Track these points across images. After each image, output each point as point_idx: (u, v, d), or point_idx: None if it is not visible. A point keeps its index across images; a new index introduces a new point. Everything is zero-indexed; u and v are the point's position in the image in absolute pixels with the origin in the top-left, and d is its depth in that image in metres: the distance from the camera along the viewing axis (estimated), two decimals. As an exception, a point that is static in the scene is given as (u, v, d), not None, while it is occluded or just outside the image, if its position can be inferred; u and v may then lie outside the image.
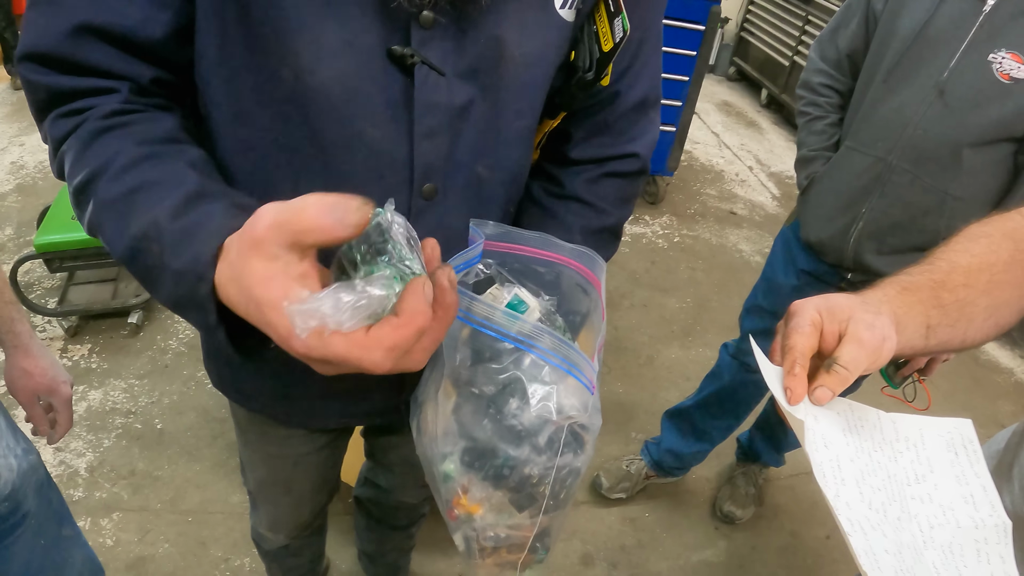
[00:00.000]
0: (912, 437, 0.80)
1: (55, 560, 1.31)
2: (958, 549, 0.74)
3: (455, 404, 0.76)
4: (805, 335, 0.74)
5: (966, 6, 1.64)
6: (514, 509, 0.74)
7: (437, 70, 0.76)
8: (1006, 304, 0.88)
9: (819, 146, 1.97)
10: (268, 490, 1.41)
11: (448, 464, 0.75)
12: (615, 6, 0.83)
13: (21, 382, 1.24)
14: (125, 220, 0.66)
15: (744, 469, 2.63)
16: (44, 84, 0.73)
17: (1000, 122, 1.63)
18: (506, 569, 0.80)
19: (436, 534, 2.26)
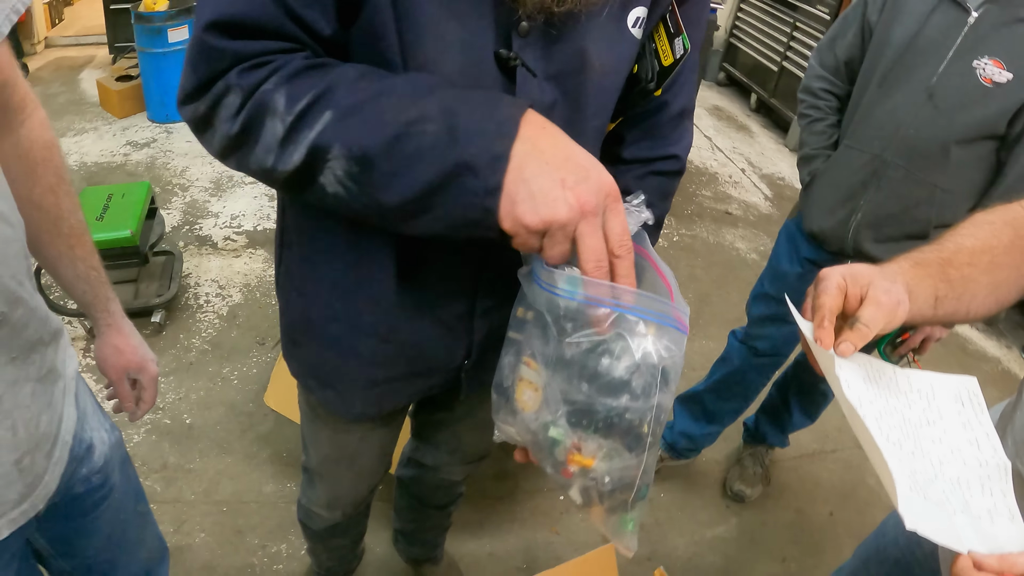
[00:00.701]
0: (924, 389, 0.90)
1: (131, 536, 1.36)
2: (964, 483, 0.83)
3: (547, 376, 0.86)
4: (832, 296, 0.85)
5: (952, 18, 1.80)
6: (624, 451, 0.84)
7: (531, 72, 0.88)
8: (1005, 283, 1.00)
9: (820, 145, 2.12)
10: (331, 467, 1.50)
11: (554, 430, 0.85)
12: (675, 27, 0.96)
13: (112, 359, 1.28)
14: (381, 117, 0.76)
15: (751, 451, 2.75)
16: (231, 50, 0.79)
17: (983, 122, 1.78)
18: (618, 509, 0.90)
19: (467, 517, 2.38)
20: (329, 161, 0.78)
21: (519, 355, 0.88)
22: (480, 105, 0.77)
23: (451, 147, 0.75)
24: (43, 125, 1.07)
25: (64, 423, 1.07)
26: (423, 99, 0.77)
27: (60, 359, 1.06)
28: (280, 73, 0.79)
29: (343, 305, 1.06)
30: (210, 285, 3.36)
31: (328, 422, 1.38)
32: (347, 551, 1.99)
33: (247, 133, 0.80)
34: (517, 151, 0.75)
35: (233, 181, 4.24)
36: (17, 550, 1.06)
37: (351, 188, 0.79)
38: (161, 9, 4.59)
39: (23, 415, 0.94)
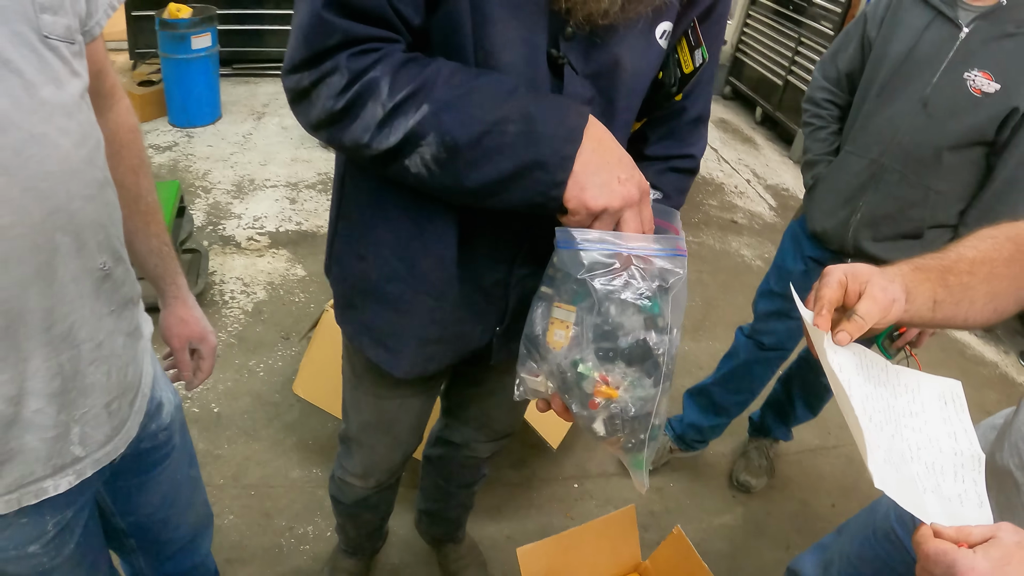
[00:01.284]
0: (911, 384, 0.97)
1: (184, 498, 1.46)
2: (939, 468, 0.89)
3: (576, 317, 0.99)
4: (832, 289, 0.94)
5: (945, 33, 1.95)
6: (645, 379, 0.96)
7: (575, 69, 1.04)
8: (1004, 294, 1.08)
9: (822, 151, 2.27)
10: (370, 432, 1.62)
11: (583, 366, 0.98)
12: (696, 41, 1.11)
13: (177, 329, 1.39)
14: (471, 114, 0.93)
15: (757, 443, 2.87)
16: (342, 28, 0.93)
17: (973, 128, 1.93)
18: (635, 448, 1.02)
19: (486, 502, 2.49)
20: (421, 147, 0.95)
21: (550, 303, 1.01)
22: (554, 112, 0.96)
23: (528, 146, 0.94)
24: (128, 111, 1.20)
25: (144, 377, 1.19)
26: (506, 102, 0.94)
27: (141, 320, 1.19)
28: (385, 62, 0.94)
29: (405, 266, 1.19)
30: (235, 282, 3.48)
31: (371, 389, 1.51)
32: (374, 528, 2.09)
33: (348, 111, 0.96)
34: (585, 150, 0.95)
35: (255, 184, 4.37)
36: (90, 498, 1.17)
37: (435, 171, 0.97)
38: (185, 16, 4.72)
39: (116, 363, 1.06)
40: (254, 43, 5.85)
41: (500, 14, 0.97)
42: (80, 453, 1.04)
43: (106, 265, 0.99)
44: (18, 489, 0.98)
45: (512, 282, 1.24)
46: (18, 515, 1.01)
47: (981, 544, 0.75)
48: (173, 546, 1.49)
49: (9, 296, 0.85)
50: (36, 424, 0.95)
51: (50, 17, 0.83)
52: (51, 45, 0.84)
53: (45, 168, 0.83)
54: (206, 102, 5.05)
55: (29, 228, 0.84)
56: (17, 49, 0.79)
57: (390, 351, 1.32)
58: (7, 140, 0.78)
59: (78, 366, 0.98)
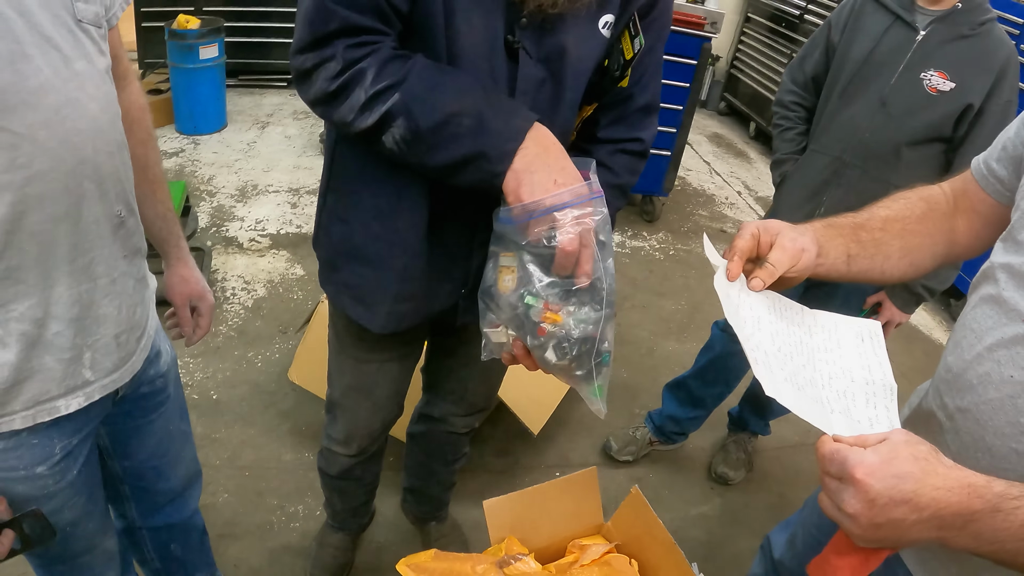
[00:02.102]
0: (827, 325, 1.03)
1: (175, 450, 1.57)
2: (850, 395, 0.94)
3: (518, 263, 1.11)
4: (745, 240, 1.03)
5: (903, 36, 2.09)
6: (586, 305, 1.08)
7: (529, 53, 1.19)
8: (918, 248, 1.17)
9: (789, 150, 2.42)
10: (352, 396, 1.74)
11: (528, 297, 1.10)
12: (635, 30, 1.26)
13: (179, 287, 1.52)
14: (434, 106, 1.08)
15: (735, 437, 2.97)
16: (340, 15, 1.08)
17: (930, 125, 2.07)
18: (587, 377, 1.13)
19: (470, 487, 2.59)
20: (392, 128, 1.11)
21: (498, 257, 1.15)
22: (503, 113, 1.11)
23: (476, 138, 1.09)
24: (139, 92, 1.35)
25: (150, 321, 1.34)
26: (464, 98, 1.10)
27: (147, 274, 1.33)
28: (374, 56, 1.11)
29: (383, 227, 1.33)
30: (236, 280, 3.60)
31: (351, 352, 1.64)
32: (360, 502, 2.19)
33: (338, 94, 1.13)
34: (528, 151, 1.09)
35: (257, 189, 4.50)
36: (92, 431, 1.29)
37: (403, 149, 1.13)
38: (193, 28, 4.88)
39: (126, 301, 1.21)
40: (259, 55, 6.01)
41: (464, 4, 1.12)
42: (90, 377, 1.18)
43: (121, 213, 1.15)
44: (35, 406, 1.11)
45: (475, 245, 1.38)
46: (30, 434, 1.13)
47: (874, 445, 0.80)
48: (164, 497, 1.59)
49: (44, 229, 1.01)
50: (55, 346, 1.10)
51: (83, 4, 1.02)
52: (83, 27, 1.02)
53: (77, 126, 1.01)
54: (212, 111, 5.20)
55: (63, 174, 1.01)
56: (57, 29, 0.98)
57: (368, 307, 1.44)
58: (48, 101, 0.96)
59: (94, 297, 1.13)
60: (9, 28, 0.91)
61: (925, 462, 0.78)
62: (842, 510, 0.80)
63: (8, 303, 1.03)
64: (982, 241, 1.18)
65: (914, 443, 0.80)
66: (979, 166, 1.18)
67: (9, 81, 0.91)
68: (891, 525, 0.78)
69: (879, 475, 0.77)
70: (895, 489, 0.76)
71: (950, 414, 1.01)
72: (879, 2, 2.15)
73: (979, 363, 0.97)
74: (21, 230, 0.99)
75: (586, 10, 1.19)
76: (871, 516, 0.78)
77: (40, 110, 0.95)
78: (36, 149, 0.96)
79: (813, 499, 1.62)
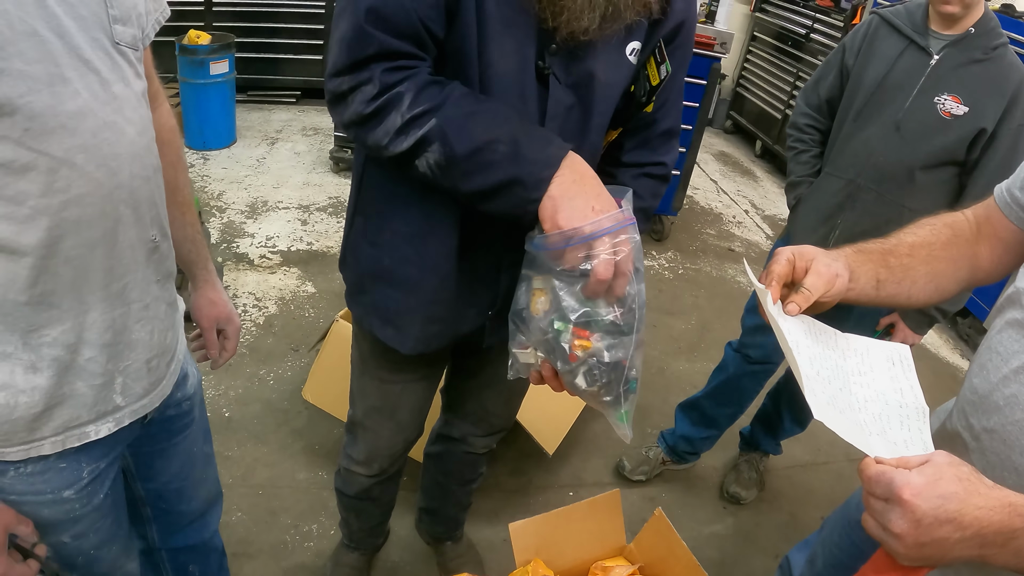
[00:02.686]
0: (860, 349, 1.06)
1: (198, 472, 1.56)
2: (885, 418, 0.96)
3: (550, 287, 1.13)
4: (781, 265, 1.06)
5: (917, 61, 2.11)
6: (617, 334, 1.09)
7: (559, 79, 1.21)
8: (943, 274, 1.20)
9: (804, 173, 2.42)
10: (375, 417, 1.74)
11: (558, 323, 1.11)
12: (661, 57, 1.28)
13: (206, 309, 1.52)
14: (471, 133, 1.10)
15: (747, 457, 2.97)
16: (379, 40, 1.10)
17: (944, 149, 2.08)
18: (614, 403, 1.14)
19: (484, 507, 2.60)
20: (427, 152, 1.13)
21: (530, 280, 1.16)
22: (538, 141, 1.13)
23: (512, 165, 1.11)
24: (169, 114, 1.35)
25: (179, 344, 1.34)
26: (500, 127, 1.12)
27: (176, 296, 1.33)
28: (412, 80, 1.13)
29: (414, 251, 1.35)
30: (247, 297, 3.61)
31: (376, 373, 1.65)
32: (376, 522, 2.19)
33: (374, 116, 1.14)
34: (564, 179, 1.11)
35: (268, 206, 4.52)
36: (119, 455, 1.29)
37: (437, 173, 1.15)
38: (204, 43, 4.91)
39: (158, 325, 1.21)
40: (269, 71, 6.05)
41: (497, 30, 1.14)
42: (121, 402, 1.17)
43: (156, 238, 1.15)
44: (64, 431, 1.11)
45: (503, 267, 1.39)
46: (58, 459, 1.13)
47: (918, 466, 0.83)
48: (185, 519, 1.58)
49: (79, 254, 1.01)
50: (87, 371, 1.09)
51: (121, 27, 1.01)
52: (120, 50, 1.02)
53: (115, 150, 1.00)
54: (222, 126, 5.23)
55: (99, 198, 1.00)
56: (95, 52, 0.97)
57: (397, 329, 1.46)
58: (87, 125, 0.95)
59: (127, 322, 1.12)
60: (48, 51, 0.90)
61: (968, 482, 0.81)
62: (888, 530, 0.82)
63: (41, 328, 1.02)
64: (1004, 266, 1.22)
65: (956, 464, 0.83)
66: (1002, 194, 1.21)
67: (47, 104, 0.91)
68: (935, 544, 0.80)
69: (925, 495, 0.79)
70: (940, 509, 0.79)
71: (976, 435, 1.04)
72: (893, 26, 2.17)
73: (1005, 385, 1.00)
74: (57, 255, 0.99)
75: (614, 37, 1.21)
76: (917, 535, 0.80)
77: (78, 134, 0.95)
78: (74, 173, 0.96)
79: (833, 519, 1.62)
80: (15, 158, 0.91)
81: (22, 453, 1.09)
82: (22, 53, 0.88)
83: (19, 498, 1.12)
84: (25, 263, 0.97)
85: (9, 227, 0.94)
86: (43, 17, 0.90)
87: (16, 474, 1.10)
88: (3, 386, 1.02)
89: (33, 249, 0.96)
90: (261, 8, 5.82)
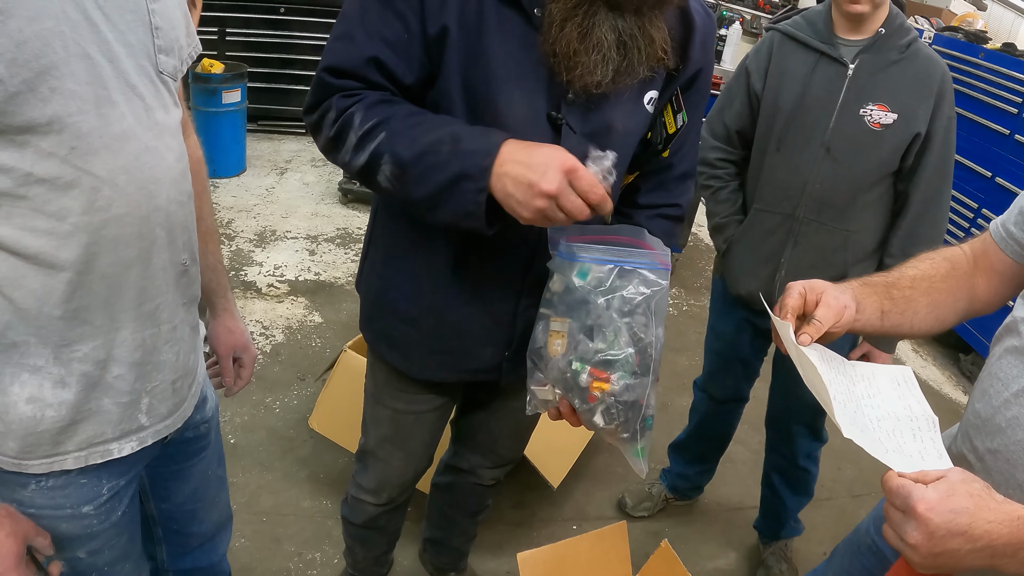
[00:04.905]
0: (866, 374, 1.11)
1: (211, 494, 1.58)
2: (898, 433, 1.02)
3: (568, 327, 1.15)
4: (794, 298, 1.12)
5: (832, 73, 1.97)
6: (634, 375, 1.11)
7: (572, 129, 1.25)
8: (943, 305, 1.27)
9: (728, 212, 2.24)
10: (387, 446, 1.76)
11: (576, 363, 1.14)
12: (678, 106, 1.33)
13: (224, 338, 1.54)
14: (415, 139, 1.15)
15: (771, 549, 2.73)
16: (336, 86, 1.22)
17: (880, 163, 1.96)
18: (630, 439, 1.17)
19: (488, 539, 2.60)
20: (382, 165, 1.19)
21: (548, 320, 1.19)
22: (478, 135, 1.16)
23: (455, 161, 1.14)
24: (196, 145, 1.39)
25: (200, 367, 1.37)
26: (443, 129, 1.17)
27: (198, 319, 1.36)
28: (362, 103, 1.21)
29: (412, 287, 1.42)
30: (255, 325, 3.64)
31: (390, 403, 1.67)
32: (381, 552, 2.20)
33: (337, 139, 1.23)
34: (497, 172, 1.11)
35: (276, 235, 4.56)
36: (137, 474, 1.31)
37: (395, 184, 1.20)
38: (217, 72, 4.98)
39: (184, 347, 1.24)
40: (280, 101, 6.12)
41: (506, 83, 1.21)
42: (145, 422, 1.20)
43: (186, 262, 1.18)
44: (88, 447, 1.13)
45: (519, 311, 1.43)
46: (79, 475, 1.15)
47: (934, 481, 0.89)
48: (195, 540, 1.59)
49: (116, 272, 1.05)
50: (115, 388, 1.12)
51: (164, 57, 1.06)
52: (163, 79, 1.07)
53: (155, 174, 1.05)
54: (233, 155, 5.30)
55: (137, 219, 1.04)
56: (141, 79, 1.02)
57: (404, 355, 1.52)
58: (130, 148, 1.00)
59: (156, 343, 1.16)
60: (98, 73, 0.95)
61: (979, 498, 0.87)
62: (904, 540, 0.89)
63: (73, 343, 1.05)
64: (1001, 297, 1.29)
65: (969, 481, 0.89)
66: (998, 229, 1.27)
67: (94, 125, 0.95)
68: (948, 555, 0.87)
69: (938, 510, 0.86)
70: (952, 523, 0.85)
71: (980, 456, 1.12)
72: (797, 40, 2.03)
73: (1007, 408, 1.07)
74: (93, 271, 1.02)
75: (631, 89, 1.25)
76: (930, 547, 0.87)
77: (122, 155, 0.99)
78: (115, 193, 1.00)
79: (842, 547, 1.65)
80: (60, 175, 0.95)
81: (45, 467, 1.11)
82: (74, 74, 0.92)
83: (38, 511, 1.14)
84: (62, 278, 1.00)
85: (50, 242, 0.98)
86: (96, 41, 0.94)
87: (37, 488, 1.13)
88: (31, 399, 1.05)
89: (71, 264, 1.00)
90: (274, 39, 5.93)
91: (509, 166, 1.11)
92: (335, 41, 1.24)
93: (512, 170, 1.10)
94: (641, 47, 1.19)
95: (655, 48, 1.21)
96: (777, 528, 2.71)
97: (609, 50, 1.16)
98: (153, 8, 1.03)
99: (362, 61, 1.21)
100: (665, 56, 1.24)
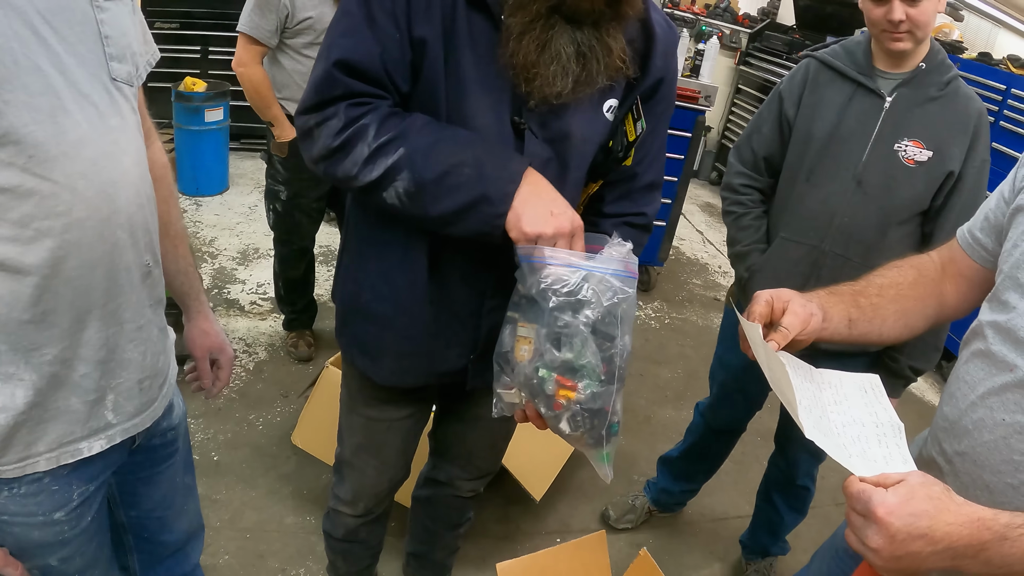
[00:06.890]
0: (833, 382, 1.13)
1: (179, 502, 1.57)
2: (864, 439, 1.03)
3: (536, 334, 1.17)
4: (761, 305, 1.15)
5: (868, 106, 1.93)
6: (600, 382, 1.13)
7: (535, 134, 1.29)
8: (912, 312, 1.29)
9: (751, 240, 2.18)
10: (361, 455, 1.78)
11: (542, 370, 1.15)
12: (638, 114, 1.37)
13: (200, 340, 1.55)
14: (436, 158, 1.18)
15: (756, 567, 2.74)
16: (345, 83, 1.22)
17: (913, 200, 1.92)
18: (597, 443, 1.18)
19: (472, 553, 2.61)
20: (396, 181, 1.20)
21: (515, 324, 1.21)
22: (500, 159, 1.21)
23: (478, 185, 1.19)
24: (161, 151, 1.42)
25: (170, 370, 1.38)
26: (464, 150, 1.20)
27: (166, 323, 1.37)
28: (374, 113, 1.21)
29: (389, 288, 1.43)
30: (237, 343, 3.63)
31: (363, 411, 1.69)
32: (364, 565, 2.19)
33: (341, 149, 1.23)
34: (523, 191, 1.19)
35: (259, 253, 4.56)
36: (106, 480, 1.31)
37: (406, 202, 1.22)
38: (200, 90, 4.99)
39: (151, 348, 1.26)
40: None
41: (473, 89, 1.25)
42: (112, 420, 1.22)
43: (149, 264, 1.21)
44: (59, 447, 1.15)
45: (484, 312, 1.45)
46: (51, 480, 1.16)
47: (893, 485, 0.90)
48: (166, 549, 1.59)
49: (81, 275, 1.07)
50: (81, 387, 1.14)
51: (117, 64, 1.09)
52: (117, 86, 1.10)
53: (112, 177, 1.08)
54: (215, 173, 5.30)
55: (98, 222, 1.07)
56: (93, 87, 1.05)
57: (373, 359, 1.53)
58: (86, 153, 1.03)
59: (119, 341, 1.18)
60: (50, 84, 0.98)
61: (939, 500, 0.88)
62: (866, 544, 0.89)
63: (41, 347, 1.07)
64: (969, 303, 1.32)
65: (929, 484, 0.90)
66: (964, 235, 1.30)
67: (50, 134, 0.98)
68: (910, 557, 0.87)
69: (898, 513, 0.86)
70: (912, 526, 0.86)
71: (949, 458, 1.14)
72: (835, 69, 1.99)
73: (973, 410, 1.10)
74: (59, 275, 1.05)
75: (591, 97, 1.29)
76: (892, 550, 0.87)
77: (79, 161, 1.02)
78: (75, 198, 1.02)
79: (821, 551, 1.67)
80: (21, 183, 0.98)
81: (18, 470, 1.12)
82: (26, 87, 0.95)
83: (11, 519, 1.16)
84: (29, 282, 1.03)
85: (15, 248, 1.00)
86: (46, 54, 0.98)
87: (10, 494, 1.14)
88: (2, 408, 1.07)
89: (37, 269, 1.02)
90: (256, 59, 5.91)
91: (534, 192, 1.20)
92: (341, 38, 1.24)
93: (532, 194, 1.20)
94: (600, 58, 1.23)
95: (613, 58, 1.25)
96: (769, 544, 2.71)
97: (568, 61, 1.20)
98: (102, 18, 1.06)
99: (373, 58, 1.22)
100: (624, 65, 1.28)
